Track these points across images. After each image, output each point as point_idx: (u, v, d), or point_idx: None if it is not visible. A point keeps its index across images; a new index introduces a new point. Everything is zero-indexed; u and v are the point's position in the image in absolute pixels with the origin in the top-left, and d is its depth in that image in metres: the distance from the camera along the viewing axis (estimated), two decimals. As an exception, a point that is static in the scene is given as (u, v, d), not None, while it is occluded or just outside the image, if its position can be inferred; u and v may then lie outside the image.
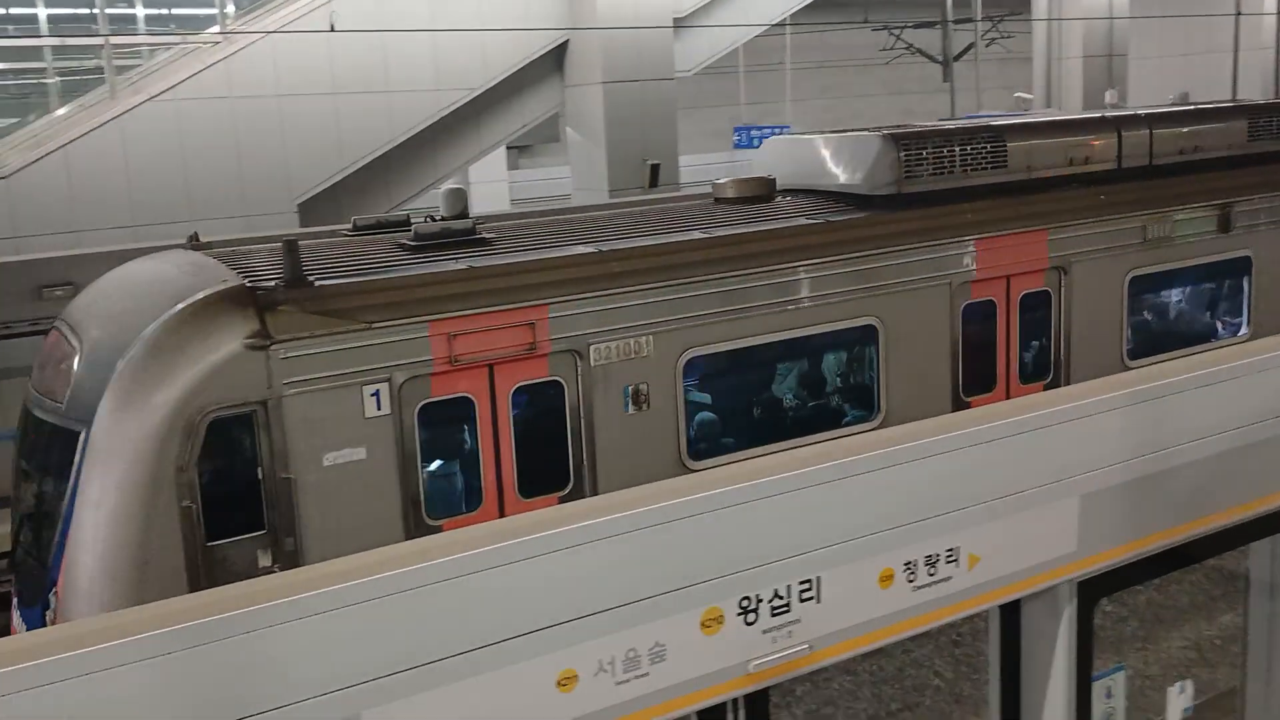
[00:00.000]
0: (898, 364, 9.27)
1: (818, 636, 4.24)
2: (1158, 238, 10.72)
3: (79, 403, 6.88)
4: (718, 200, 10.14)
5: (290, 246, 7.16)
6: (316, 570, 3.55)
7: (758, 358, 8.96)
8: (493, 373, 7.64)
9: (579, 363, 7.89)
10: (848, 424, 9.26)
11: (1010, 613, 4.90)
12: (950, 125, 10.70)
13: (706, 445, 8.66)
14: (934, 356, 9.48)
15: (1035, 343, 10.18)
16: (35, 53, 19.36)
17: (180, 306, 6.89)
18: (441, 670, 3.56)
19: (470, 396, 7.59)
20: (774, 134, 25.06)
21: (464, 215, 9.21)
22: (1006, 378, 10.00)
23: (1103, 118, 11.28)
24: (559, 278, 7.86)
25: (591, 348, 7.93)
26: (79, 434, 6.79)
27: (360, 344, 7.15)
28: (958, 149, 9.99)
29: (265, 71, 17.24)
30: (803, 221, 9.20)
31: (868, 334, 9.19)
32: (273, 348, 6.88)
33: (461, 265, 7.75)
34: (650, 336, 8.17)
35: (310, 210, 17.86)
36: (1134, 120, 11.26)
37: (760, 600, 4.11)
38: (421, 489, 7.48)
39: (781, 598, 4.16)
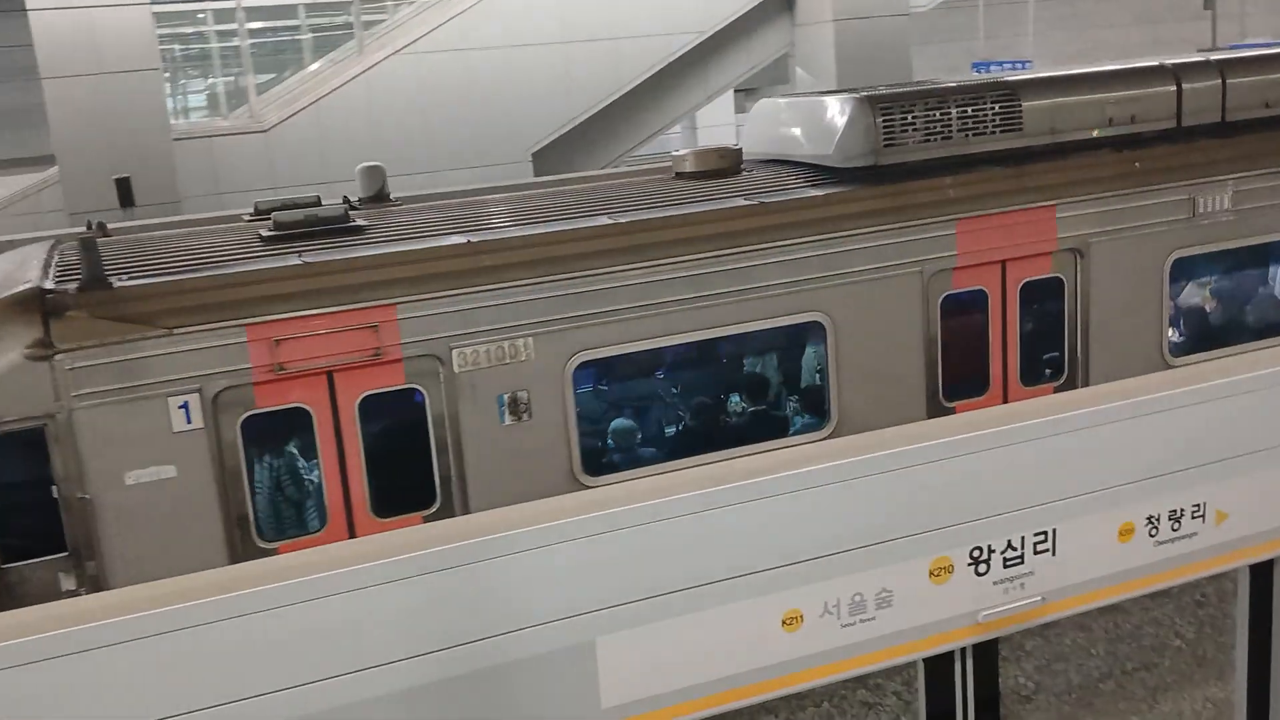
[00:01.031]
0: (852, 365, 7.99)
1: (1051, 590, 4.28)
2: (1212, 211, 8.96)
3: None
4: (678, 174, 8.97)
5: (87, 245, 6.48)
6: (562, 502, 3.84)
7: (668, 360, 7.86)
8: (333, 380, 6.82)
9: (440, 368, 6.98)
10: (793, 433, 8.05)
11: (1261, 574, 4.73)
12: (957, 82, 9.15)
13: (608, 459, 7.65)
14: (901, 356, 8.15)
15: (1042, 339, 8.67)
16: (291, 11, 20.50)
17: None
18: (672, 603, 3.75)
19: (306, 407, 6.79)
20: (1014, 68, 23.27)
21: (381, 196, 8.41)
22: (1004, 380, 8.55)
23: (1160, 66, 9.49)
24: (410, 274, 6.94)
25: (454, 351, 7.00)
26: None
27: (162, 351, 6.43)
28: (955, 111, 8.52)
29: (497, 24, 17.48)
30: (739, 202, 7.97)
31: (813, 331, 7.94)
32: (57, 357, 6.23)
33: (294, 261, 6.92)
34: (530, 339, 7.17)
35: (542, 159, 17.85)
36: (1199, 69, 9.43)
37: (992, 551, 4.15)
38: (251, 508, 6.76)
39: (1015, 549, 4.19)
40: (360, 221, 7.56)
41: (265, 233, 7.37)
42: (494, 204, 8.34)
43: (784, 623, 3.92)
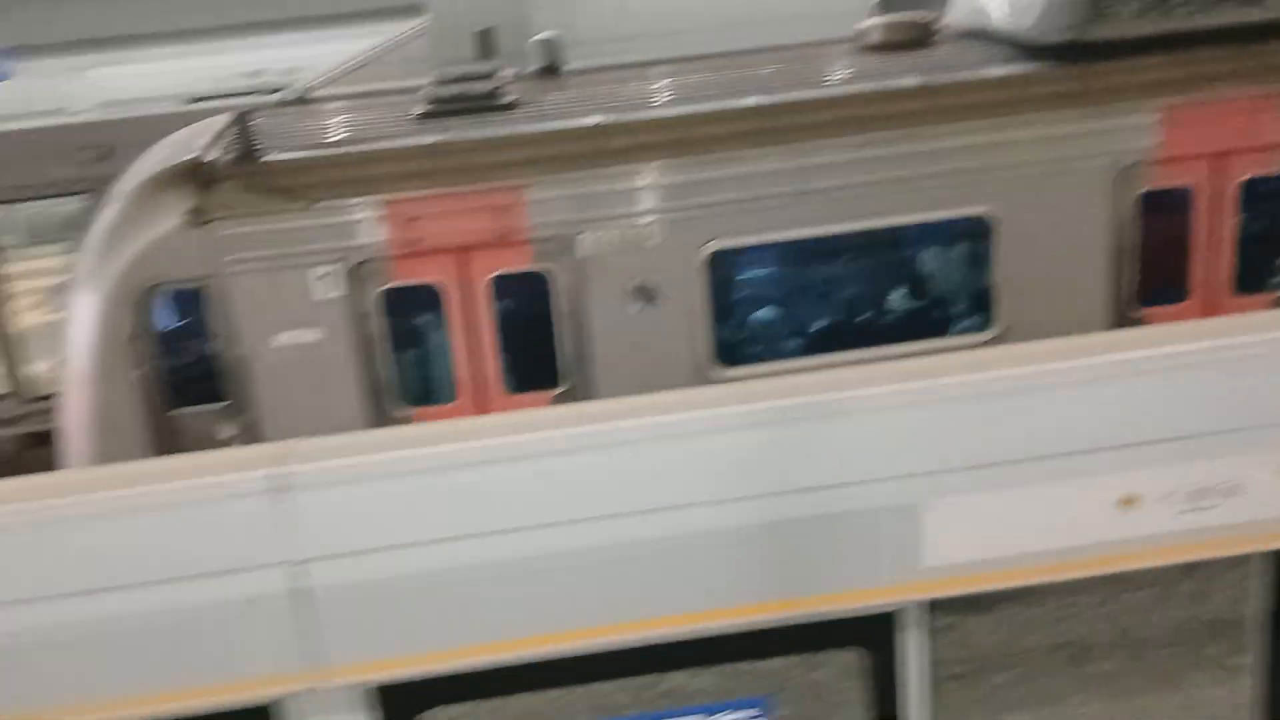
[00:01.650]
0: (1022, 265, 7.37)
1: None
2: None
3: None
4: (864, 47, 8.43)
5: (240, 118, 6.94)
6: (888, 369, 4.04)
7: (811, 252, 7.52)
8: (463, 259, 7.05)
9: (567, 252, 7.05)
10: (946, 335, 7.58)
11: None
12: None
13: (744, 351, 7.50)
14: (1082, 258, 7.43)
15: (1265, 241, 7.63)
16: None
17: (135, 183, 6.97)
18: (1003, 474, 3.87)
19: (439, 283, 7.08)
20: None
21: (553, 69, 8.46)
22: (1210, 286, 7.63)
23: None
24: (537, 155, 6.99)
25: (581, 235, 7.03)
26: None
27: (305, 223, 6.86)
28: (1188, -22, 7.48)
29: None
30: (902, 82, 7.41)
31: (977, 226, 7.36)
32: (211, 224, 6.79)
33: (432, 139, 7.11)
34: (659, 224, 7.09)
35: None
36: None
37: None
38: (387, 376, 7.18)
39: None
40: (512, 98, 7.63)
41: (418, 109, 7.59)
42: (659, 79, 8.18)
43: (1120, 503, 3.94)
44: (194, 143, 7.26)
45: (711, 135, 7.09)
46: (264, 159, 6.97)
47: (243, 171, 6.90)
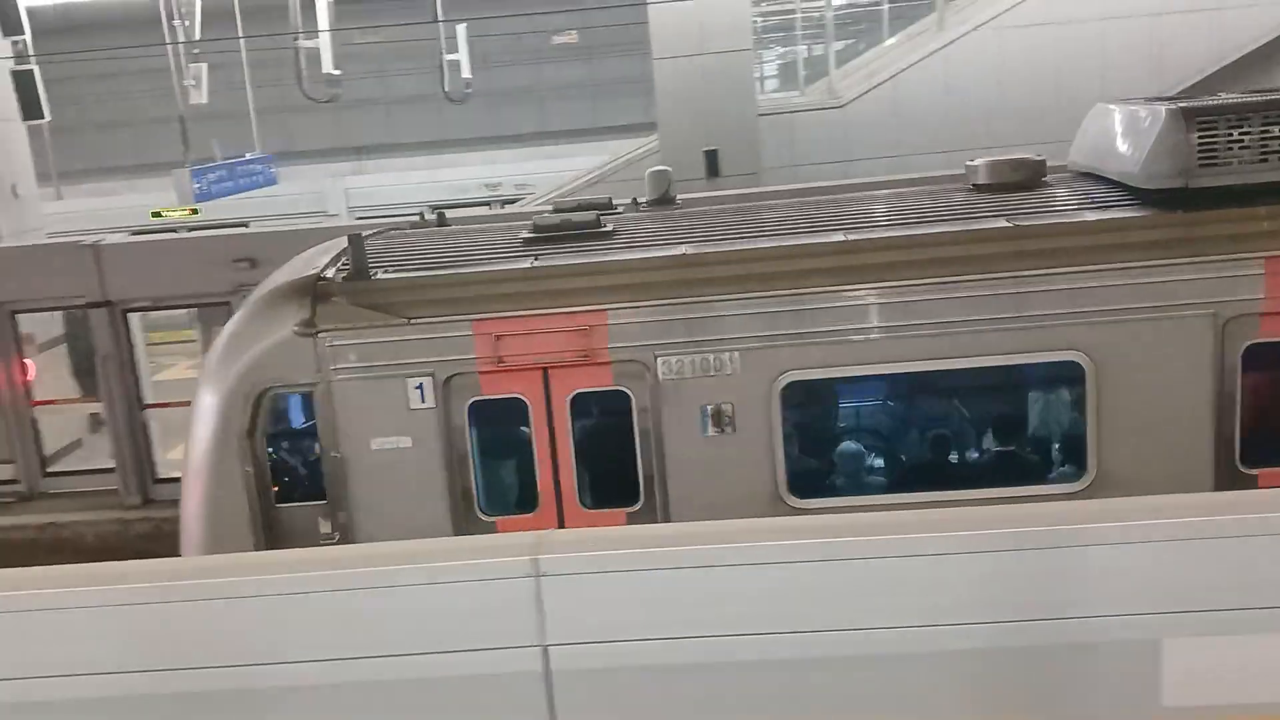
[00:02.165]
0: (1121, 414, 7.14)
1: None
2: None
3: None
4: (974, 185, 8.45)
5: (354, 241, 7.56)
6: (1128, 503, 4.17)
7: (889, 388, 7.49)
8: (547, 376, 7.40)
9: (646, 374, 7.30)
10: (1039, 483, 7.37)
11: None
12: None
13: (819, 483, 7.51)
14: (1183, 411, 7.13)
15: None
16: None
17: (258, 295, 7.68)
18: (1251, 618, 3.86)
19: (523, 398, 7.44)
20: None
21: (665, 199, 8.87)
22: None
23: None
24: (620, 282, 7.31)
25: (659, 359, 7.28)
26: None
27: (403, 338, 7.37)
28: (1304, 127, 7.23)
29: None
30: (996, 223, 7.39)
31: (1068, 371, 7.19)
32: (319, 335, 7.39)
33: (524, 265, 7.54)
34: (736, 353, 7.26)
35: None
36: None
37: None
38: (474, 484, 7.55)
39: None
40: (611, 227, 8.02)
41: (525, 234, 8.07)
42: (761, 210, 8.41)
43: None
44: (317, 260, 7.94)
45: (790, 270, 7.24)
46: (371, 278, 7.56)
47: (350, 289, 7.49)
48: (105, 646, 3.95)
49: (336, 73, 18.38)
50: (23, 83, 15.16)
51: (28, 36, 15.18)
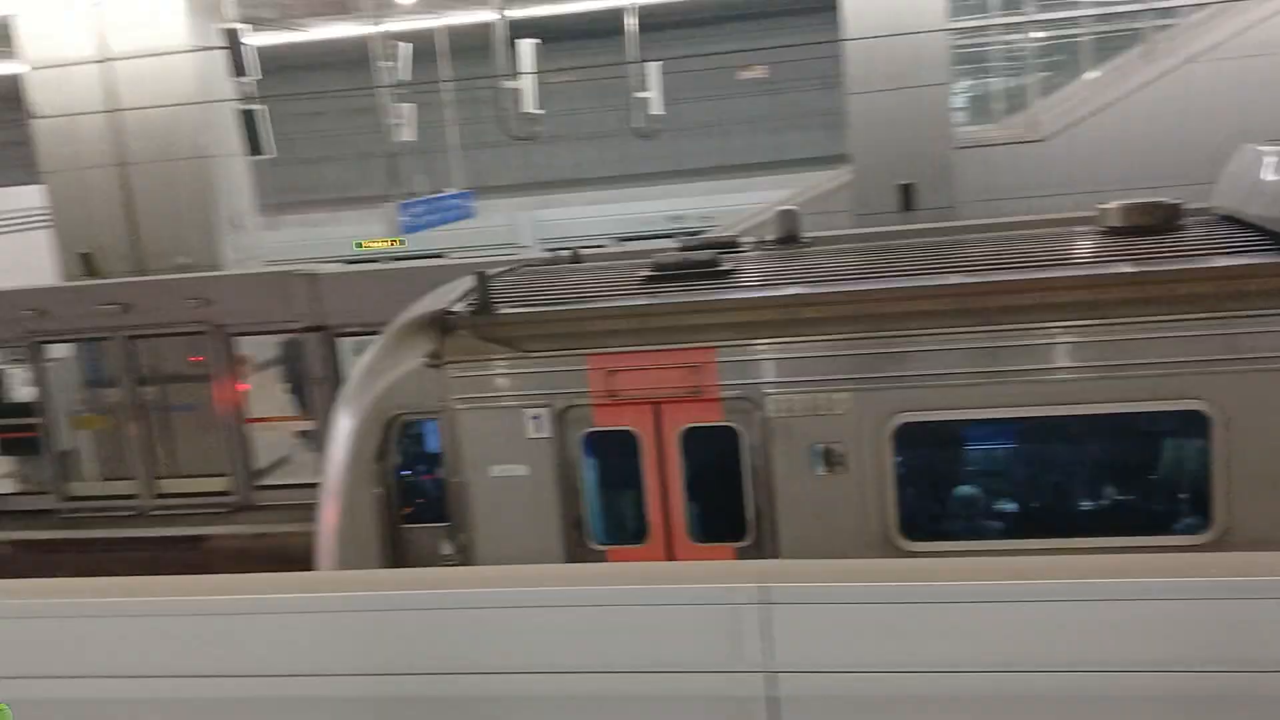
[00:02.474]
0: (1245, 466, 6.86)
1: None
2: None
3: None
4: (1105, 228, 8.26)
5: (481, 278, 7.90)
6: None
7: (1007, 433, 7.36)
8: (658, 411, 7.57)
9: (755, 411, 7.39)
10: (1160, 534, 7.14)
11: None
12: None
13: (933, 526, 7.44)
14: None
15: None
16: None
17: (393, 327, 8.10)
18: None
19: (634, 431, 7.62)
20: None
21: (791, 238, 8.98)
22: None
23: None
24: (729, 320, 7.42)
25: (769, 397, 7.36)
26: None
27: (521, 370, 7.66)
28: None
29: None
30: (1116, 268, 7.21)
31: (1192, 422, 6.95)
32: (445, 366, 7.74)
33: (637, 301, 7.73)
34: (847, 394, 7.28)
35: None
36: None
37: None
38: (586, 513, 7.77)
39: None
40: (729, 266, 8.14)
41: (646, 273, 8.27)
42: (884, 250, 8.39)
43: None
44: (448, 295, 8.32)
45: (899, 312, 7.22)
46: (494, 313, 7.88)
47: (474, 323, 7.82)
48: (329, 649, 4.13)
49: (537, 111, 19.01)
50: (249, 121, 16.15)
51: (255, 77, 16.15)
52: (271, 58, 27.26)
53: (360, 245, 22.93)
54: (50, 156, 16.83)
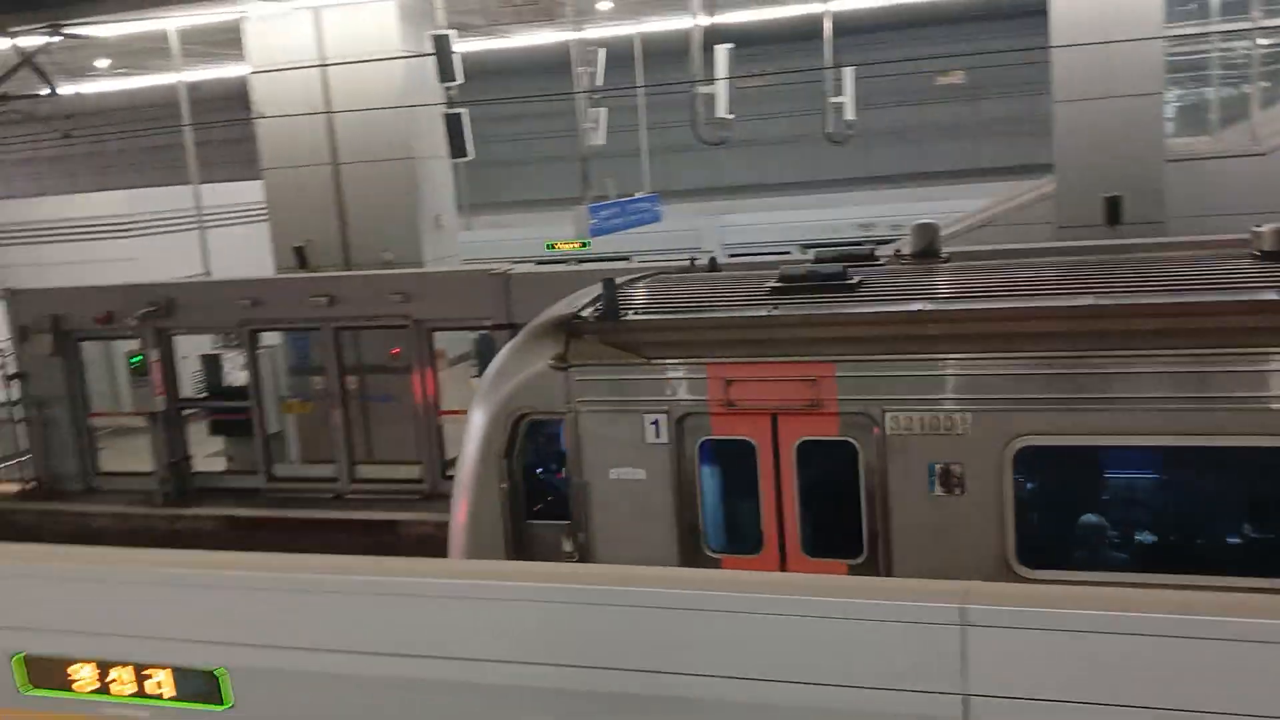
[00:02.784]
0: None
1: None
2: None
3: None
4: (1261, 253, 7.70)
5: (608, 285, 8.03)
6: None
7: (1132, 461, 6.92)
8: (775, 422, 7.52)
9: (873, 427, 7.24)
10: None
11: None
12: None
13: (1051, 553, 7.10)
14: None
15: None
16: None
17: (526, 329, 8.34)
18: None
19: (751, 441, 7.60)
20: None
21: (930, 251, 8.80)
22: None
23: None
24: (848, 335, 7.29)
25: (887, 414, 7.20)
26: None
27: (643, 376, 7.75)
28: None
29: None
30: (1245, 296, 6.71)
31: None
32: (570, 370, 7.92)
33: (761, 313, 7.68)
34: (968, 414, 7.04)
35: None
36: None
37: None
38: (701, 520, 7.80)
39: None
40: (857, 279, 7.98)
41: (772, 284, 8.21)
42: (1020, 268, 8.05)
43: None
44: (577, 301, 8.49)
45: (1021, 332, 6.92)
46: (619, 319, 7.99)
47: (599, 328, 7.96)
48: (536, 639, 4.12)
49: (729, 116, 19.05)
50: (453, 125, 16.72)
51: (459, 82, 16.69)
52: (473, 63, 28.36)
53: (553, 246, 23.54)
54: (270, 154, 17.92)
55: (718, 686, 4.18)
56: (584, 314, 8.16)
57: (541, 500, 8.35)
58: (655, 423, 7.78)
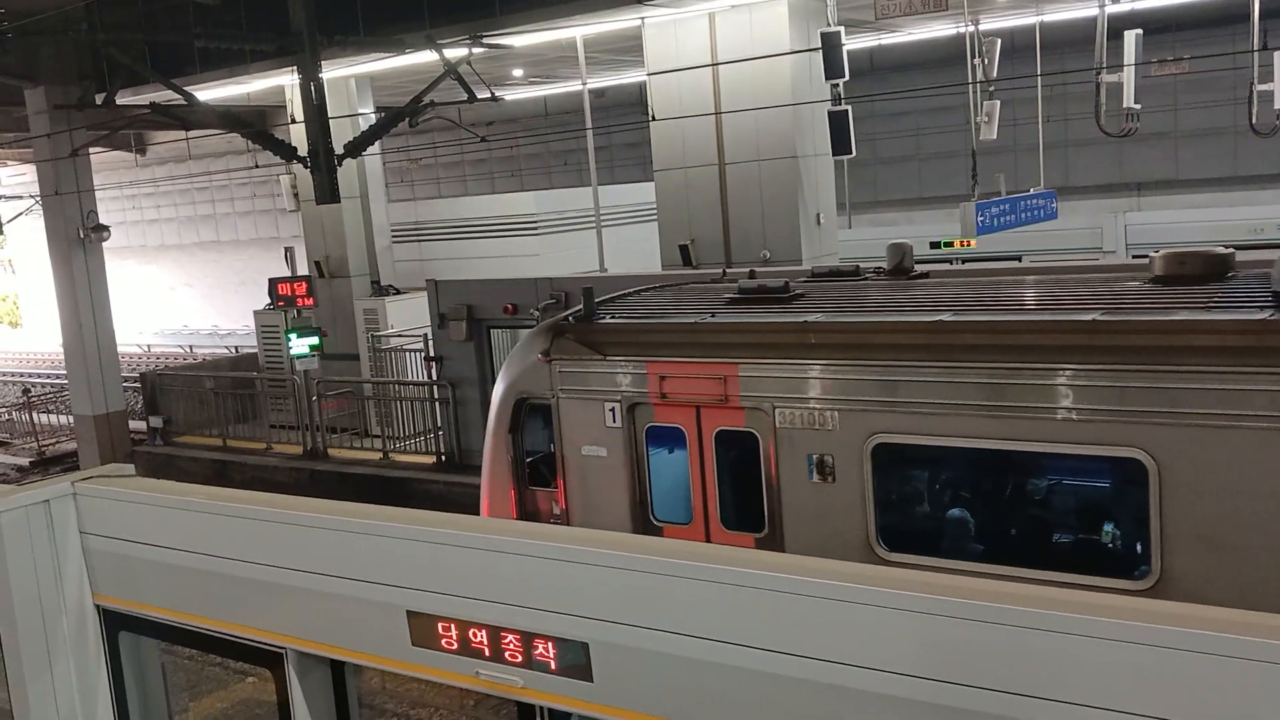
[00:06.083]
0: (1190, 517, 7.02)
1: None
2: None
3: None
4: (1151, 277, 8.39)
5: (586, 292, 9.72)
6: None
7: (967, 461, 7.87)
8: (699, 413, 8.98)
9: (768, 420, 8.59)
10: (1098, 574, 7.41)
11: None
12: None
13: (906, 539, 8.18)
14: (1262, 520, 6.83)
15: None
16: None
17: (532, 330, 10.16)
18: None
19: (681, 428, 9.09)
20: None
21: (900, 270, 9.97)
22: None
23: None
24: (748, 340, 8.63)
25: (777, 409, 8.52)
26: None
27: (603, 369, 9.40)
28: None
29: None
30: (1076, 316, 7.52)
31: (1131, 469, 7.20)
32: (553, 362, 9.69)
33: (687, 320, 9.13)
34: (836, 412, 8.27)
35: None
36: None
37: None
38: (649, 493, 9.37)
39: None
40: (799, 292, 9.27)
41: (730, 295, 9.62)
42: (922, 286, 9.05)
43: None
44: (575, 305, 10.22)
45: (882, 344, 8.04)
46: (593, 321, 9.66)
47: (574, 329, 9.66)
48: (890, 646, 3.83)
49: (1136, 106, 17.71)
50: (837, 122, 16.55)
51: (845, 78, 16.41)
52: (866, 59, 27.44)
53: (945, 245, 22.34)
54: (661, 156, 18.49)
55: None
56: (569, 316, 9.90)
57: (537, 470, 10.15)
58: (613, 410, 9.39)
